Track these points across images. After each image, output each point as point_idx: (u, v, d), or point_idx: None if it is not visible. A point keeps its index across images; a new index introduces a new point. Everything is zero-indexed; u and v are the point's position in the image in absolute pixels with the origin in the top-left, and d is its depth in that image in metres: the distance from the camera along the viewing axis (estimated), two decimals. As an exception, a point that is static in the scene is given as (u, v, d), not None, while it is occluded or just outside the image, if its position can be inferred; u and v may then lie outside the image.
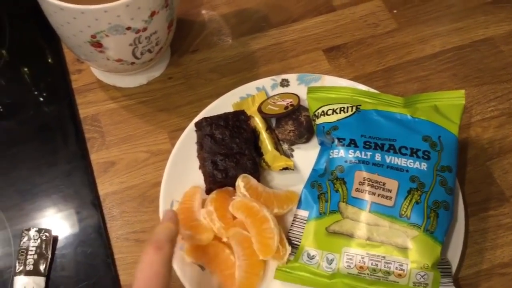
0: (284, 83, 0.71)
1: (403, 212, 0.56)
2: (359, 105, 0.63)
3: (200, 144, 0.64)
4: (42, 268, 0.60)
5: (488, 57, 0.77)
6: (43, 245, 0.61)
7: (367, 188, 0.57)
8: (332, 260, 0.57)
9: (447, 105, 0.62)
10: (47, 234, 0.62)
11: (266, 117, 0.68)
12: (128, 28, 0.60)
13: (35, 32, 0.81)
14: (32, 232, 0.62)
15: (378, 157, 0.59)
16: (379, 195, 0.57)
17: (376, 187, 0.57)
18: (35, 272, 0.60)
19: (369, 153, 0.59)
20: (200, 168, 0.65)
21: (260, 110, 0.67)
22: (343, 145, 0.60)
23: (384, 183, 0.57)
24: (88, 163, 0.68)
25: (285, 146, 0.68)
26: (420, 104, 0.62)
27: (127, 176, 0.68)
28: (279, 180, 0.66)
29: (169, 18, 0.65)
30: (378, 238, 0.56)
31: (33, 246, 0.61)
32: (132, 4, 0.57)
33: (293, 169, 0.65)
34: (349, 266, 0.56)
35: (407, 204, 0.56)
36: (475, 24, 0.80)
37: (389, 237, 0.56)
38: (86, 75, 0.76)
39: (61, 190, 0.66)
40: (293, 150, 0.68)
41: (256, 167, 0.63)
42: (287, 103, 0.67)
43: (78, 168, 0.68)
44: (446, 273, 0.57)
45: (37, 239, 0.61)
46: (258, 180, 0.63)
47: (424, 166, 0.58)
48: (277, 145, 0.67)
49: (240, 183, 0.60)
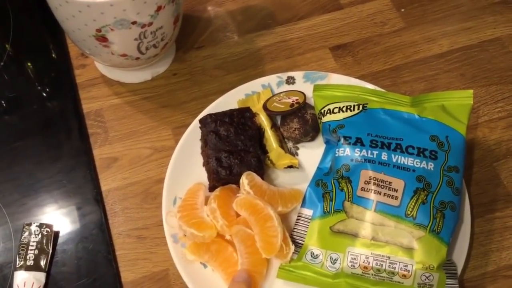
0: (290, 81, 0.71)
1: (409, 212, 0.55)
2: (366, 104, 0.62)
3: (205, 141, 0.63)
4: (43, 264, 0.60)
5: (496, 58, 0.76)
6: (44, 240, 0.61)
7: (373, 187, 0.57)
8: (336, 260, 0.56)
9: (455, 105, 0.61)
10: (48, 229, 0.61)
11: (272, 115, 0.67)
12: (134, 23, 0.59)
13: (39, 27, 0.80)
14: (33, 227, 0.61)
15: (385, 156, 0.58)
16: (385, 195, 0.56)
17: (382, 187, 0.56)
18: (36, 268, 0.59)
19: (376, 152, 0.58)
20: (204, 165, 0.64)
21: (266, 108, 0.66)
22: (349, 144, 0.60)
23: (390, 183, 0.57)
24: (91, 159, 0.68)
25: (290, 144, 0.67)
26: (428, 104, 0.61)
27: (130, 172, 0.67)
28: (284, 178, 0.65)
29: (175, 13, 0.64)
30: (383, 238, 0.55)
31: (34, 241, 0.60)
32: (138, -2, 0.56)
33: (298, 168, 0.64)
34: (353, 266, 0.55)
35: (413, 204, 0.56)
36: (484, 24, 0.79)
37: (394, 237, 0.55)
38: (90, 70, 0.75)
39: (63, 185, 0.66)
40: (298, 149, 0.67)
41: (261, 165, 0.62)
42: (293, 101, 0.66)
43: (81, 164, 0.67)
44: (452, 275, 0.56)
45: (38, 234, 0.61)
46: (262, 178, 0.62)
47: (431, 166, 0.57)
48: (282, 143, 0.66)
49: (245, 181, 0.59)
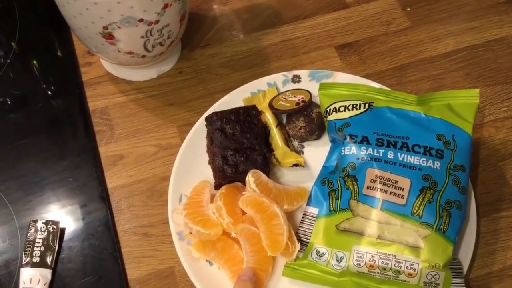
0: (296, 79, 0.71)
1: (415, 211, 0.55)
2: (372, 102, 0.62)
3: (210, 139, 0.63)
4: (49, 260, 0.60)
5: (502, 57, 0.76)
6: (50, 237, 0.61)
7: (379, 186, 0.57)
8: (342, 258, 0.56)
9: (461, 104, 0.61)
10: (54, 226, 0.61)
11: (277, 113, 0.67)
12: (141, 20, 0.59)
13: (45, 25, 0.80)
14: (40, 224, 0.61)
15: (391, 155, 0.58)
16: (391, 193, 0.56)
17: (388, 185, 0.56)
18: (42, 264, 0.59)
19: (382, 151, 0.58)
20: (210, 163, 0.64)
21: (271, 106, 0.66)
22: (355, 142, 0.60)
23: (396, 181, 0.57)
24: (97, 156, 0.68)
25: (296, 143, 0.67)
26: (434, 103, 0.61)
27: (136, 170, 0.67)
28: (289, 177, 0.65)
29: (181, 11, 0.64)
30: (389, 237, 0.55)
31: (40, 238, 0.60)
32: (145, -4, 0.57)
33: (303, 166, 0.64)
34: (359, 265, 0.55)
35: (419, 203, 0.56)
36: (489, 24, 0.79)
37: (400, 236, 0.55)
38: (96, 68, 0.75)
39: (69, 183, 0.66)
40: (304, 147, 0.67)
41: (267, 163, 0.62)
42: (299, 99, 0.66)
43: (87, 161, 0.67)
44: (458, 274, 0.56)
45: (44, 231, 0.61)
46: (268, 176, 0.62)
47: (437, 165, 0.57)
48: (288, 141, 0.66)
49: (250, 179, 0.59)
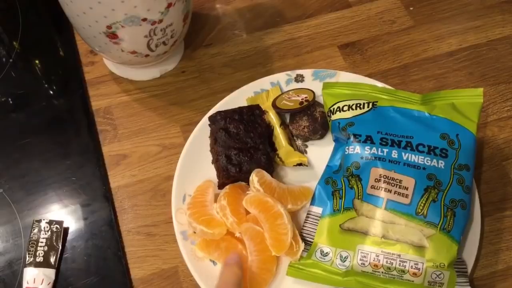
0: (299, 79, 0.71)
1: (420, 210, 0.55)
2: (376, 102, 0.62)
3: (214, 138, 0.63)
4: (52, 260, 0.60)
5: (505, 56, 0.76)
6: (54, 237, 0.61)
7: (383, 185, 0.56)
8: (346, 258, 0.56)
9: (465, 103, 0.61)
10: (58, 226, 0.61)
11: (281, 112, 0.67)
12: (144, 20, 0.59)
13: (48, 24, 0.80)
14: (43, 224, 0.61)
15: (395, 154, 0.58)
16: (395, 193, 0.56)
17: (393, 184, 0.56)
18: (45, 264, 0.59)
19: (386, 150, 0.58)
20: (213, 163, 0.64)
21: (275, 105, 0.66)
22: (359, 142, 0.60)
23: (401, 181, 0.56)
24: (100, 156, 0.68)
25: (299, 142, 0.67)
26: (438, 102, 0.61)
27: (139, 169, 0.67)
28: (293, 176, 0.65)
29: (185, 11, 0.64)
30: (394, 236, 0.55)
31: (44, 238, 0.60)
32: (149, -5, 0.57)
33: (307, 165, 0.64)
34: (363, 264, 0.55)
35: (424, 202, 0.55)
36: (492, 23, 0.79)
37: (405, 235, 0.55)
38: (99, 68, 0.75)
39: (73, 182, 0.66)
40: (307, 146, 0.67)
41: (270, 162, 0.62)
42: (302, 99, 0.66)
43: (90, 161, 0.67)
44: (462, 273, 0.56)
45: (48, 231, 0.61)
46: (272, 175, 0.62)
47: (442, 164, 0.57)
48: (291, 141, 0.66)
49: (254, 178, 0.59)
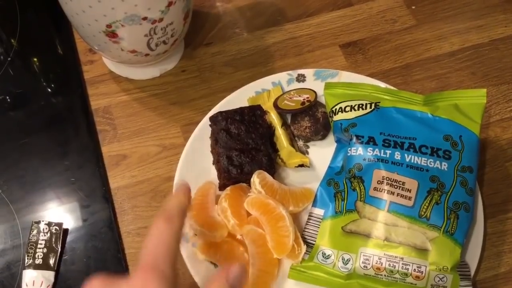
0: (300, 78, 0.70)
1: (423, 213, 0.55)
2: (378, 102, 0.62)
3: (215, 139, 0.62)
4: (52, 262, 0.59)
5: (508, 56, 0.75)
6: (53, 239, 0.60)
7: (386, 187, 0.56)
8: (348, 260, 0.56)
9: (468, 104, 0.60)
10: (57, 228, 0.61)
11: (282, 113, 0.66)
12: (144, 18, 0.58)
13: (47, 22, 0.80)
14: (42, 225, 0.60)
15: (398, 156, 0.57)
16: (398, 195, 0.56)
17: (395, 187, 0.56)
18: (45, 266, 0.59)
19: (388, 152, 0.58)
20: (214, 163, 0.64)
21: (276, 106, 0.66)
22: (362, 143, 0.59)
23: (404, 183, 0.56)
24: (100, 156, 0.67)
25: (300, 143, 0.67)
26: (441, 103, 0.61)
27: (139, 170, 0.67)
28: (294, 177, 0.64)
29: (185, 9, 0.63)
30: (396, 239, 0.55)
31: (43, 240, 0.60)
32: (150, -6, 0.56)
33: (309, 166, 0.63)
34: (366, 267, 0.55)
35: (427, 205, 0.55)
36: (495, 22, 0.78)
37: (408, 238, 0.54)
38: (98, 66, 0.75)
39: (72, 183, 0.65)
40: (309, 147, 0.66)
41: (272, 163, 0.61)
42: (304, 99, 0.65)
43: (89, 161, 0.67)
44: (465, 276, 0.55)
45: (47, 232, 0.60)
46: (273, 177, 0.61)
47: (445, 166, 0.57)
48: (293, 142, 0.66)
49: (256, 180, 0.59)
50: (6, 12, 0.80)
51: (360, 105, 0.62)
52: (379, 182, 0.56)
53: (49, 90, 0.73)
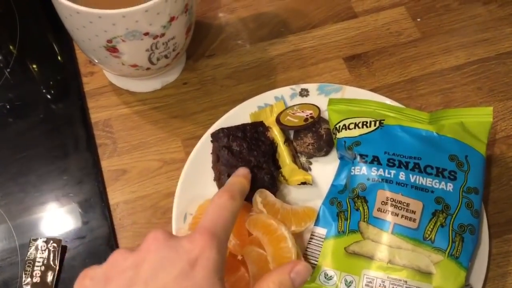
0: (304, 93, 0.69)
1: (427, 235, 0.54)
2: (383, 120, 0.61)
3: (217, 156, 0.61)
4: (49, 280, 0.58)
5: (515, 71, 0.74)
6: (51, 256, 0.59)
7: (390, 209, 0.55)
8: (351, 282, 0.55)
9: (474, 122, 0.59)
10: (55, 245, 0.60)
11: (285, 129, 0.65)
12: (146, 34, 0.57)
13: (47, 33, 0.78)
14: (40, 242, 0.59)
15: (402, 176, 0.56)
16: (403, 217, 0.55)
17: (400, 208, 0.55)
18: (42, 285, 0.58)
19: (393, 172, 0.57)
20: (215, 180, 0.63)
21: (279, 121, 0.65)
22: (366, 162, 0.58)
23: (408, 204, 0.55)
24: (99, 171, 0.66)
25: (303, 159, 0.66)
26: (446, 121, 0.60)
27: (139, 185, 0.65)
28: (296, 195, 0.63)
29: (188, 24, 0.62)
30: (400, 262, 0.54)
31: (41, 257, 0.59)
32: (151, 10, 0.55)
33: (311, 184, 0.62)
34: (369, 290, 0.54)
35: (432, 227, 0.54)
36: (501, 36, 0.77)
37: (412, 261, 0.53)
38: (99, 78, 0.73)
39: (71, 199, 0.64)
40: (311, 163, 0.65)
41: (274, 182, 0.60)
42: (307, 115, 0.64)
43: (89, 176, 0.66)
44: (470, 300, 0.55)
45: (45, 250, 0.59)
46: (275, 195, 0.60)
47: (450, 187, 0.56)
48: (295, 158, 0.65)
49: (258, 199, 0.58)
50: (6, 22, 0.79)
51: (364, 123, 0.61)
52: (383, 203, 0.56)
53: (49, 102, 0.72)
